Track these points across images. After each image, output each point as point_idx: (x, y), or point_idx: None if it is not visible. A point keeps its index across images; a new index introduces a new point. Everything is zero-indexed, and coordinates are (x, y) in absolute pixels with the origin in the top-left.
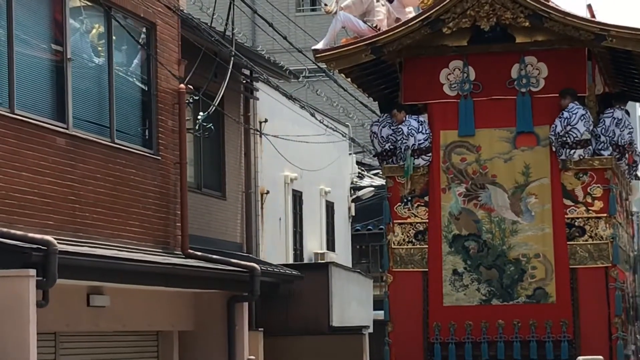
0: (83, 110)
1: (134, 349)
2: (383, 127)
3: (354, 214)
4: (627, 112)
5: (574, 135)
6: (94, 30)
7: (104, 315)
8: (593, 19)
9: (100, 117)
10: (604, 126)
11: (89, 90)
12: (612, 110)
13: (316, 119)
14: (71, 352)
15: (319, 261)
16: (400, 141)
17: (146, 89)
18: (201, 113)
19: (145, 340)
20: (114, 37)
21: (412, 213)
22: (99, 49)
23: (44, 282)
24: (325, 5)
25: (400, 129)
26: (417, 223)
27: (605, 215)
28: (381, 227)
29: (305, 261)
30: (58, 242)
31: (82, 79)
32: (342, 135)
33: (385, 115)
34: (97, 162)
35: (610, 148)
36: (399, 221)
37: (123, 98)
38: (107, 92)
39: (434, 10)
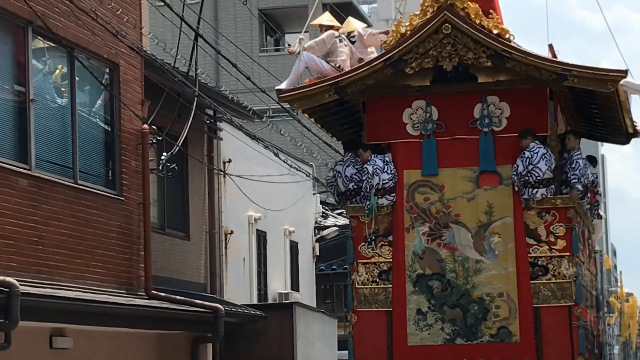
0: (46, 151)
1: None
2: (347, 166)
3: (318, 254)
4: (593, 159)
5: (536, 175)
6: (57, 71)
7: (67, 357)
8: (555, 59)
9: (63, 158)
10: (577, 166)
11: (51, 131)
12: (579, 150)
13: (280, 158)
14: None
15: (283, 301)
16: (365, 180)
17: (109, 130)
18: (165, 153)
19: None
20: (77, 78)
21: (376, 252)
22: (62, 89)
23: (6, 325)
24: (289, 45)
25: (365, 169)
26: (381, 262)
27: (568, 254)
28: (345, 266)
29: (270, 301)
30: (20, 284)
31: (44, 120)
32: (306, 174)
33: (350, 154)
34: (60, 203)
35: (581, 187)
36: (363, 261)
37: (86, 139)
38: (70, 132)
39: (396, 50)
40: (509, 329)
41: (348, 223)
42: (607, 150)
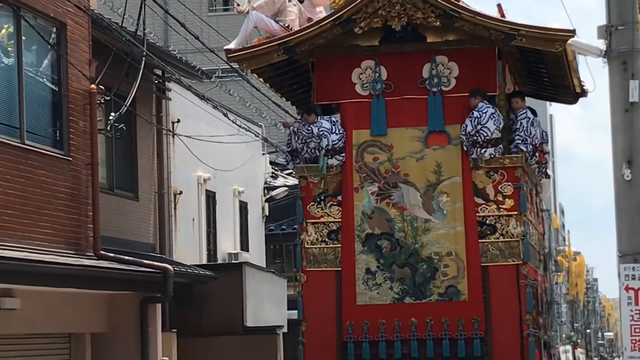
0: None
1: (46, 351)
2: (303, 125)
3: (267, 214)
4: (533, 111)
5: (485, 134)
6: (3, 31)
7: (15, 318)
8: (503, 19)
9: (10, 118)
10: (521, 127)
11: None
12: (524, 111)
13: (229, 119)
14: None
15: (233, 261)
16: (312, 142)
17: (57, 90)
18: (113, 113)
19: (57, 342)
20: (23, 38)
21: (325, 212)
22: (9, 49)
23: None
24: (238, 5)
25: (310, 130)
26: (330, 222)
27: (516, 213)
28: (295, 226)
29: (219, 262)
30: None
31: None
32: (255, 135)
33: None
34: (7, 164)
35: (530, 146)
36: (312, 221)
37: (33, 99)
38: (16, 92)
39: (345, 10)
40: (458, 288)
41: (297, 183)
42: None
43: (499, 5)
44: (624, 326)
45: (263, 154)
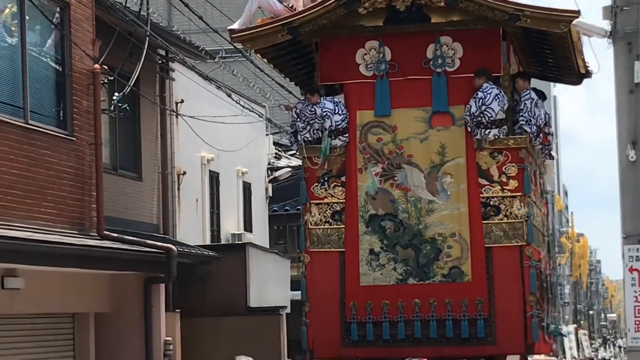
0: None
1: (50, 331)
2: (306, 106)
3: (271, 195)
4: (541, 93)
5: (489, 115)
6: (7, 10)
7: (19, 298)
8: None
9: (14, 98)
10: (525, 108)
11: (1, 70)
12: (528, 92)
13: (233, 99)
14: None
15: (236, 242)
16: (315, 122)
17: (60, 70)
18: (116, 94)
19: (60, 322)
20: (27, 17)
21: (329, 193)
22: (12, 29)
23: None
24: None
25: (313, 111)
26: (333, 203)
27: (519, 194)
28: (298, 207)
29: (222, 242)
30: None
31: None
32: (259, 115)
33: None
34: (10, 144)
35: (534, 127)
36: (316, 201)
37: (37, 79)
38: (20, 72)
39: None
40: (461, 269)
41: (301, 164)
42: (559, 92)
43: None
44: (627, 307)
45: (267, 134)
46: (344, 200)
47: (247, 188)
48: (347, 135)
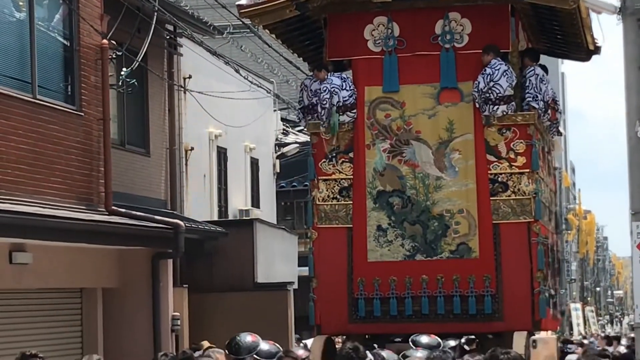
0: (4, 65)
1: (58, 306)
2: (314, 81)
3: (278, 171)
4: (544, 68)
5: (497, 92)
6: None
7: (27, 273)
8: None
9: (22, 72)
10: (530, 84)
11: (10, 45)
12: (533, 68)
13: (241, 75)
14: None
15: (244, 218)
16: (323, 98)
17: (68, 45)
18: (124, 69)
19: (68, 297)
20: None
21: (337, 169)
22: (20, 3)
23: None
24: None
25: (322, 87)
26: (341, 179)
27: (528, 170)
28: (306, 183)
29: (230, 218)
30: None
31: (2, 35)
32: (267, 91)
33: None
34: (18, 118)
35: (541, 103)
36: (324, 177)
37: (45, 53)
38: (28, 47)
39: None
40: (469, 245)
41: (309, 140)
42: (567, 68)
43: None
44: (635, 283)
45: (274, 110)
46: (351, 177)
47: (254, 164)
48: (354, 111)
